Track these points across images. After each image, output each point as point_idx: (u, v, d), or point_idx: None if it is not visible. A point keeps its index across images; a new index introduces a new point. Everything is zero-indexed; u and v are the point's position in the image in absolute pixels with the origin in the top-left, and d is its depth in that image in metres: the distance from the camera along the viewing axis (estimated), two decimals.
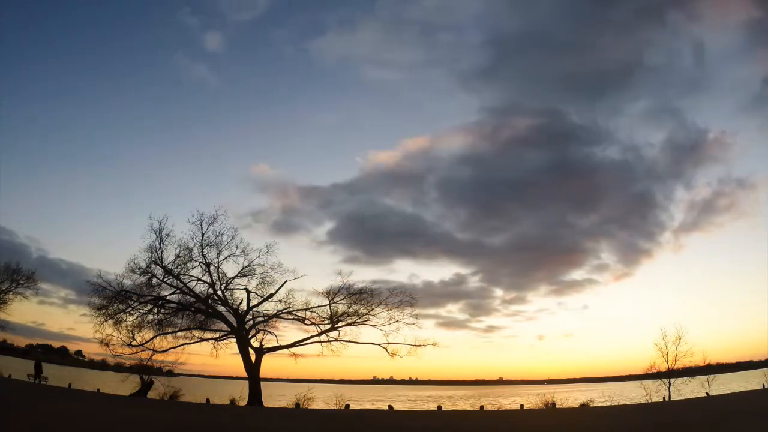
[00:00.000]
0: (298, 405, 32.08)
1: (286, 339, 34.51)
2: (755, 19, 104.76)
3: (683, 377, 36.95)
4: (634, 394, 40.38)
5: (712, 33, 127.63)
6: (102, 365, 65.23)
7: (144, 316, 33.34)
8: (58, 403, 22.03)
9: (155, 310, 33.59)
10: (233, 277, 34.32)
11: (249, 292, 34.31)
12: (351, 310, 33.56)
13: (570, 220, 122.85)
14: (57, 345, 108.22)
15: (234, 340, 33.48)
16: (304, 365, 42.83)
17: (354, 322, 33.50)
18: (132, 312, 33.06)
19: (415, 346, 32.64)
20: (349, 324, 33.55)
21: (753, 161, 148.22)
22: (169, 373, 43.05)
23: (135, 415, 19.54)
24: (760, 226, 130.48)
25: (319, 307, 33.98)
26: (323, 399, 34.63)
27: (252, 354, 33.15)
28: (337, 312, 33.59)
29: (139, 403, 27.38)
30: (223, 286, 34.24)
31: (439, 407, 34.09)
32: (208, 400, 33.29)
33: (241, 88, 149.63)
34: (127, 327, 32.65)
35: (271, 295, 34.06)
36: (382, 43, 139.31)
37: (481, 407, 33.11)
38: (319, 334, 33.70)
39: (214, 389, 49.41)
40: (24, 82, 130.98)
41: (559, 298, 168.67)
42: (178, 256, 33.58)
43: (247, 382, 32.86)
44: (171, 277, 33.52)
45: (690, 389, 36.38)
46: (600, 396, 43.21)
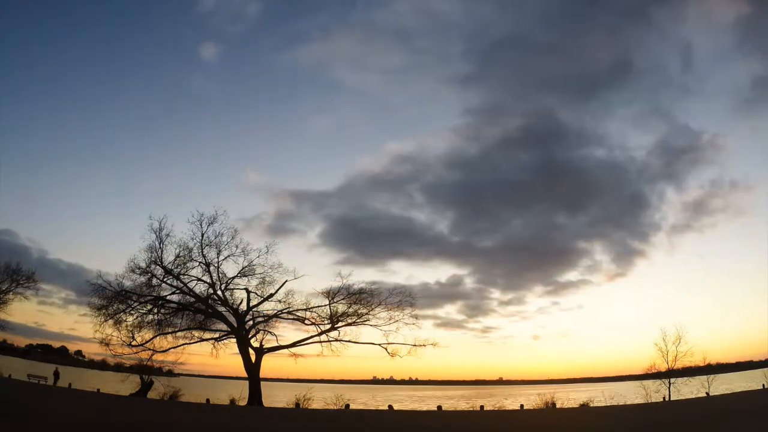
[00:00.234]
0: (298, 405, 32.07)
1: (286, 339, 34.57)
2: (744, 16, 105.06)
3: (683, 377, 36.94)
4: (634, 394, 40.37)
5: (701, 32, 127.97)
6: (102, 365, 65.21)
7: (144, 316, 33.37)
8: (58, 403, 22.02)
9: (155, 310, 33.58)
10: (233, 277, 34.37)
11: (249, 292, 34.33)
12: (351, 310, 33.59)
13: (562, 221, 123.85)
14: (57, 345, 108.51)
15: (234, 340, 33.47)
16: (304, 365, 42.92)
17: (354, 322, 33.52)
18: (132, 312, 33.07)
19: (414, 346, 32.69)
20: (349, 324, 33.57)
21: (745, 162, 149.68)
22: (169, 373, 43.07)
23: (135, 415, 19.53)
24: (755, 226, 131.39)
25: (319, 307, 34.04)
26: (323, 399, 34.61)
27: (252, 354, 33.13)
28: (336, 312, 33.61)
29: (139, 403, 27.37)
30: (223, 286, 34.27)
31: (439, 407, 34.08)
32: (208, 400, 33.30)
33: (234, 95, 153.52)
34: (127, 327, 32.69)
35: (271, 295, 34.09)
36: (365, 49, 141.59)
37: (481, 407, 33.10)
38: (319, 334, 33.73)
39: (214, 389, 49.40)
40: (24, 84, 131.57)
41: (555, 298, 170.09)
42: (178, 256, 33.63)
43: (247, 382, 32.86)
44: (171, 277, 33.53)
45: (690, 389, 36.36)
46: (600, 396, 43.12)
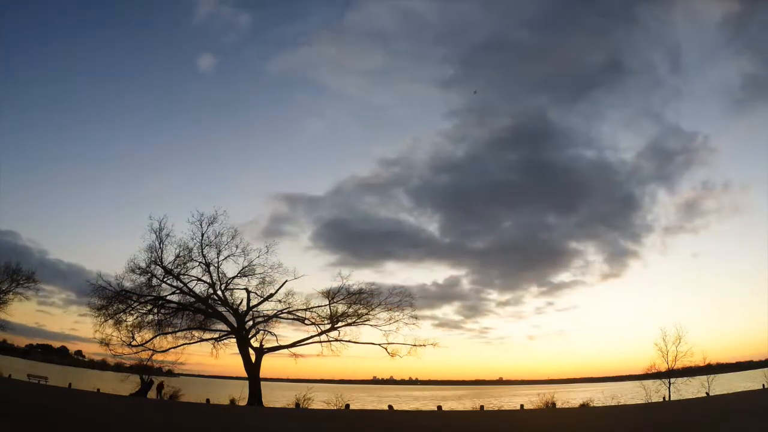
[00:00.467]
0: (298, 405, 32.06)
1: (286, 339, 34.58)
2: (732, 14, 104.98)
3: (683, 377, 36.92)
4: (634, 394, 40.36)
5: (689, 32, 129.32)
6: (102, 365, 65.32)
7: (144, 317, 33.40)
8: (58, 403, 22.01)
9: (155, 310, 33.59)
10: (233, 277, 34.41)
11: (249, 292, 34.35)
12: (351, 311, 33.61)
13: (553, 222, 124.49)
14: (57, 345, 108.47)
15: (234, 340, 33.48)
16: (304, 365, 42.89)
17: (354, 322, 33.54)
18: (132, 312, 33.09)
19: (414, 346, 32.72)
20: (348, 324, 33.59)
21: (737, 162, 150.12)
22: (169, 373, 43.07)
23: (135, 415, 19.53)
24: (750, 225, 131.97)
25: (319, 307, 34.07)
26: (323, 399, 34.60)
27: (252, 354, 33.13)
28: (336, 312, 33.62)
29: (139, 403, 27.37)
30: (223, 286, 34.28)
31: (439, 407, 34.07)
32: (208, 400, 33.28)
33: (230, 102, 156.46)
34: (127, 327, 32.72)
35: (271, 295, 34.13)
36: (346, 53, 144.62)
37: (481, 407, 33.09)
38: (319, 334, 33.76)
39: (214, 389, 49.35)
40: (26, 87, 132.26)
41: (550, 298, 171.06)
42: (178, 256, 33.67)
43: (247, 382, 32.85)
44: (171, 277, 33.56)
45: (690, 389, 36.35)
46: (600, 396, 43.14)
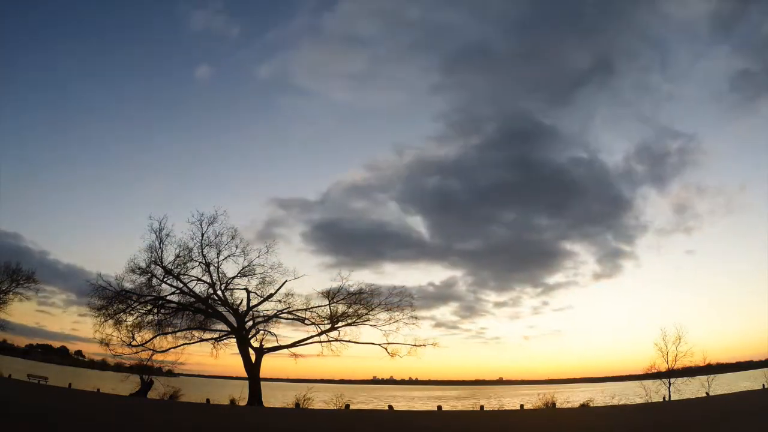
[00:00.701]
0: (298, 405, 32.06)
1: (286, 339, 34.58)
2: (722, 14, 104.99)
3: (683, 377, 36.93)
4: (633, 394, 40.35)
5: (678, 31, 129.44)
6: (102, 365, 65.33)
7: (144, 317, 33.36)
8: (58, 403, 22.01)
9: (155, 310, 33.57)
10: (233, 277, 34.39)
11: (249, 292, 34.34)
12: (351, 311, 33.61)
13: (544, 223, 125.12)
14: (57, 345, 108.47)
15: (234, 340, 33.48)
16: (304, 365, 42.81)
17: (354, 322, 33.54)
18: (132, 312, 33.07)
19: (414, 346, 32.73)
20: (348, 324, 33.59)
21: (730, 162, 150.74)
22: (169, 373, 43.07)
23: (135, 415, 19.52)
24: (745, 225, 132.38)
25: (319, 307, 34.06)
26: (323, 399, 34.60)
27: (252, 354, 33.14)
28: (336, 312, 33.62)
29: (139, 403, 27.36)
30: (223, 286, 34.27)
31: (439, 407, 34.06)
32: (208, 400, 33.25)
33: (224, 108, 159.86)
34: (127, 327, 32.69)
35: (271, 295, 34.12)
36: (330, 58, 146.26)
37: (481, 407, 33.08)
38: (319, 334, 33.74)
39: (214, 389, 49.35)
40: (27, 90, 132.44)
41: (545, 299, 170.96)
42: (178, 256, 33.64)
43: (247, 382, 32.85)
44: (171, 277, 33.53)
45: (690, 389, 36.36)
46: (600, 396, 43.15)
